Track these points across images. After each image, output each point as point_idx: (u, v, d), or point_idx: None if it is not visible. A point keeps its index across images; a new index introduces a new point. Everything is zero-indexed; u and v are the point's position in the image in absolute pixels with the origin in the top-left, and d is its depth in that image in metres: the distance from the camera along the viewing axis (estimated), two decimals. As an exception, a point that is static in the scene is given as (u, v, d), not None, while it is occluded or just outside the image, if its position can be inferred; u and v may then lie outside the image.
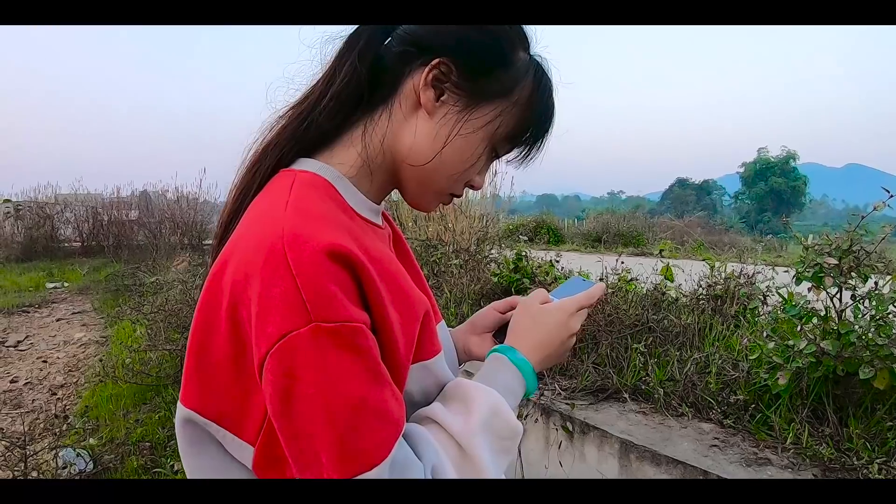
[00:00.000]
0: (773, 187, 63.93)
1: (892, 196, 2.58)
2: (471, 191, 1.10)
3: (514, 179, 7.75)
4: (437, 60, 0.92)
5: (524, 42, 0.99)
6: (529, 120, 0.99)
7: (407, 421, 0.84)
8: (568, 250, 15.18)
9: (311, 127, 0.95)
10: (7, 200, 18.91)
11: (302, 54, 1.00)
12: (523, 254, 5.12)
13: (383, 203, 1.07)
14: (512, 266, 4.97)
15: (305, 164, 0.94)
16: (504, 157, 1.06)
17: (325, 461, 0.72)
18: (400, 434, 0.77)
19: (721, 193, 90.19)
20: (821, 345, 2.47)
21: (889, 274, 2.67)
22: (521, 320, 1.08)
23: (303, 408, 0.72)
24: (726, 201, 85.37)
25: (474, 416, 0.88)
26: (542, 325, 1.05)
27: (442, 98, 0.94)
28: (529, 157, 1.06)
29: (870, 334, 2.45)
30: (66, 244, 18.53)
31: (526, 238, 7.34)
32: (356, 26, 0.98)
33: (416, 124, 0.95)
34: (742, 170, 69.91)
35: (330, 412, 0.72)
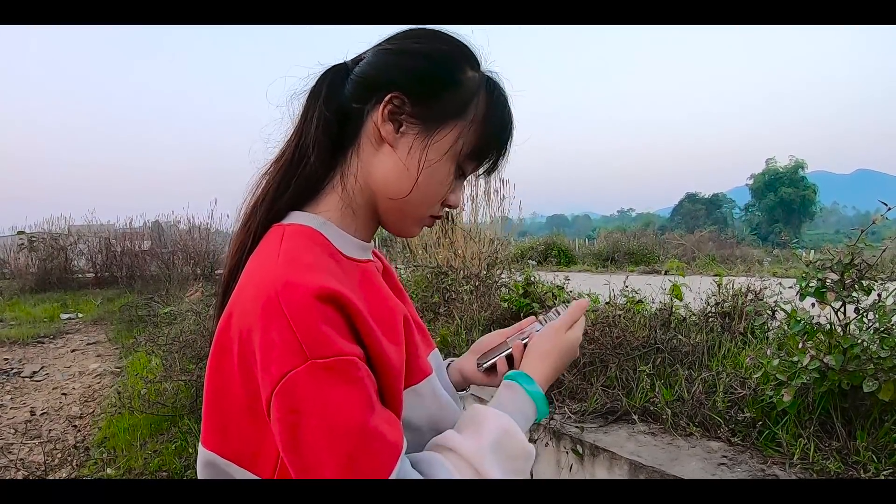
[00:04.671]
0: (783, 198, 63.75)
1: (889, 209, 2.61)
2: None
3: (521, 203, 7.69)
4: (389, 95, 0.98)
5: (471, 61, 1.05)
6: (489, 134, 1.05)
7: (423, 449, 0.93)
8: (579, 271, 15.16)
9: (293, 179, 1.02)
10: (21, 232, 19.09)
11: (272, 114, 1.08)
12: (532, 278, 5.15)
13: (373, 243, 1.13)
14: (521, 291, 5.01)
15: (293, 217, 1.01)
16: (472, 172, 1.11)
17: None
18: (399, 454, 0.83)
19: (731, 206, 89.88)
20: (824, 360, 2.49)
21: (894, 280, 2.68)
22: (543, 346, 1.13)
23: (308, 438, 0.79)
24: (737, 214, 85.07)
25: (485, 438, 0.93)
26: (563, 354, 1.12)
27: (401, 129, 1.00)
28: (495, 167, 1.12)
29: (873, 347, 2.47)
30: (79, 275, 18.66)
31: (535, 262, 7.33)
32: (316, 78, 1.06)
33: (383, 158, 1.01)
34: (751, 181, 69.80)
35: (333, 440, 0.78)
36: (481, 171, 1.11)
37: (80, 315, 12.88)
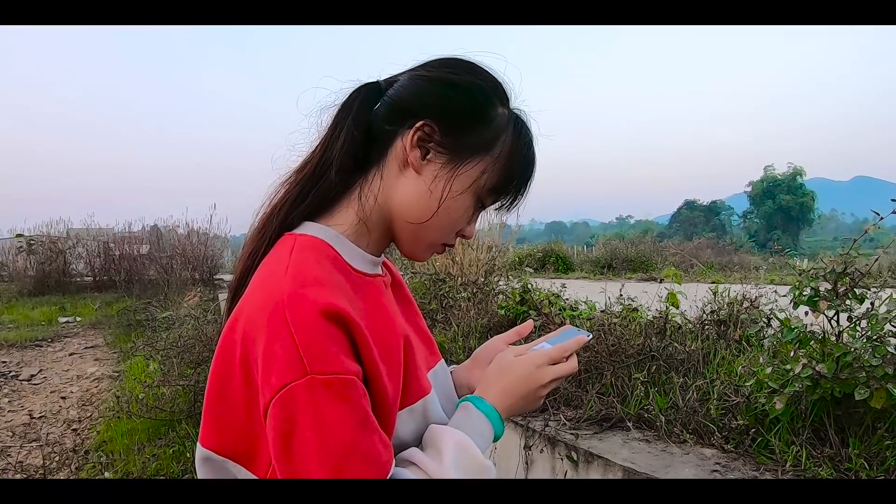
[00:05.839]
0: (782, 205, 63.80)
1: (882, 218, 2.63)
2: (477, 222, 1.18)
3: (520, 210, 7.61)
4: (420, 123, 1.01)
5: (503, 97, 1.07)
6: (512, 172, 1.07)
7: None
8: (577, 278, 15.17)
9: (311, 191, 1.04)
10: (20, 235, 19.06)
11: (301, 122, 1.10)
12: (529, 286, 5.17)
13: (383, 255, 1.15)
14: (518, 298, 5.03)
15: (306, 228, 1.03)
16: (490, 207, 1.13)
17: None
18: (386, 476, 0.86)
19: (729, 213, 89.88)
20: (816, 368, 2.51)
21: (892, 287, 2.69)
22: (492, 370, 1.15)
23: (300, 450, 0.81)
24: (735, 221, 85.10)
25: (445, 457, 0.96)
26: (509, 377, 1.11)
27: (428, 157, 1.02)
28: (514, 205, 1.14)
29: (866, 355, 2.49)
30: (77, 279, 18.65)
31: (532, 269, 7.34)
32: (348, 94, 1.07)
33: (407, 182, 1.03)
34: (749, 189, 69.85)
35: (323, 454, 0.81)
36: (498, 206, 1.13)
37: (79, 319, 12.87)
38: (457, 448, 0.98)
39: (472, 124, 1.03)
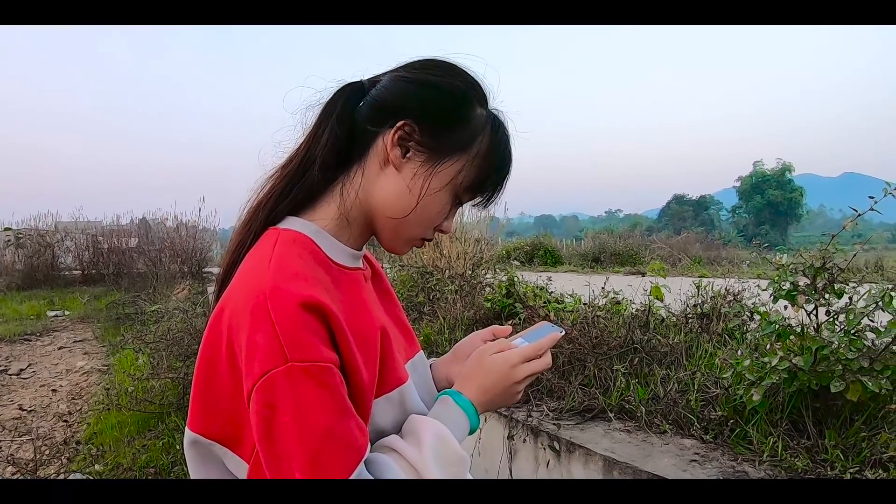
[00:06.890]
0: (770, 200, 64.13)
1: (860, 215, 2.67)
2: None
3: (507, 203, 7.62)
4: (401, 122, 1.05)
5: (481, 98, 1.12)
6: (489, 170, 1.11)
7: (372, 451, 0.98)
8: (566, 271, 15.21)
9: (295, 186, 1.09)
10: (7, 229, 18.92)
11: (286, 120, 1.14)
12: (516, 279, 5.22)
13: (364, 248, 1.19)
14: (504, 291, 5.07)
15: (289, 223, 1.08)
16: (468, 203, 1.18)
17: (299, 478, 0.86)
18: (361, 459, 0.91)
19: (718, 208, 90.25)
20: (793, 361, 2.56)
21: (872, 283, 2.74)
22: (470, 366, 1.20)
23: (280, 432, 0.86)
24: (724, 216, 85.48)
25: (425, 444, 1.01)
26: (486, 374, 1.16)
27: (408, 155, 1.07)
28: (491, 201, 1.18)
29: (842, 349, 2.54)
30: (66, 272, 18.52)
31: (519, 263, 7.38)
32: (334, 92, 1.12)
33: (387, 179, 1.08)
34: (738, 184, 70.17)
35: (302, 438, 0.86)
36: (476, 203, 1.18)
37: (67, 312, 12.80)
38: (436, 438, 1.03)
39: (450, 125, 1.07)
